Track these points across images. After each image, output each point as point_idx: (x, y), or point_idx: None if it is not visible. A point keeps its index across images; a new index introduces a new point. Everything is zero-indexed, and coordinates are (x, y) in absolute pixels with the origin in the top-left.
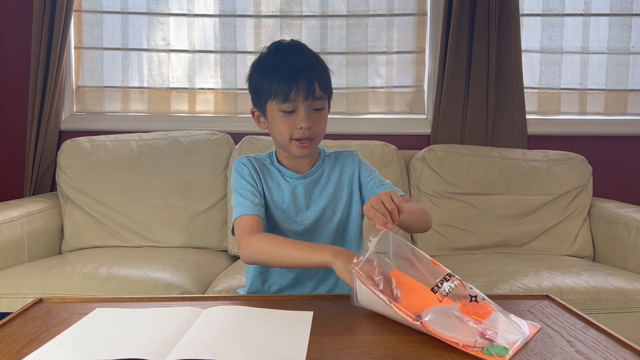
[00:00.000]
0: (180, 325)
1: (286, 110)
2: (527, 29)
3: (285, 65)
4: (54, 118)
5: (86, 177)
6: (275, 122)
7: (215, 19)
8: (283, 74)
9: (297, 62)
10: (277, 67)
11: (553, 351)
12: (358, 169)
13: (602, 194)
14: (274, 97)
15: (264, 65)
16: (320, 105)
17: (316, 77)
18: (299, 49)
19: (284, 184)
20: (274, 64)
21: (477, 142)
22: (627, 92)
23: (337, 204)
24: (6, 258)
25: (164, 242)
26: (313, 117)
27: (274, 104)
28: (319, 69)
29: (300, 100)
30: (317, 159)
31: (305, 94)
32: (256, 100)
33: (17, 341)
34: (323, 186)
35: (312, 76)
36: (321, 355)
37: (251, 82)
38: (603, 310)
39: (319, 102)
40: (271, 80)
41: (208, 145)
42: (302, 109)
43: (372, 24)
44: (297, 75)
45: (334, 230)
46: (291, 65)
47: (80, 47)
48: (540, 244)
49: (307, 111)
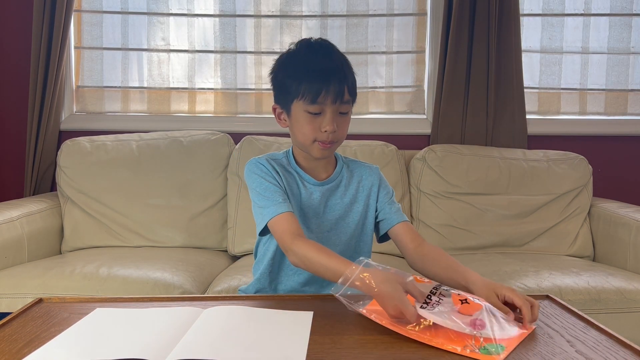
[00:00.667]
0: (180, 325)
1: (313, 112)
2: (527, 29)
3: (316, 66)
4: (54, 118)
5: (86, 177)
6: (299, 123)
7: (215, 19)
8: (314, 74)
9: (329, 64)
10: (308, 67)
11: (553, 351)
12: (378, 183)
13: (602, 194)
14: (302, 97)
15: (294, 63)
16: (346, 110)
17: (346, 81)
18: (329, 50)
19: (302, 188)
20: (305, 63)
21: (477, 142)
22: (627, 92)
23: (352, 214)
24: (6, 258)
25: (164, 242)
26: (338, 120)
27: (301, 104)
28: (349, 72)
29: (328, 103)
30: (335, 164)
31: (334, 98)
32: (281, 98)
33: (17, 341)
34: (341, 195)
35: (342, 79)
36: (321, 355)
37: (277, 78)
38: (603, 310)
39: (345, 106)
40: (301, 80)
41: (208, 145)
42: (330, 112)
43: (372, 24)
44: (328, 78)
45: (346, 241)
46: (322, 67)
47: (80, 47)
48: (540, 244)
49: (334, 115)
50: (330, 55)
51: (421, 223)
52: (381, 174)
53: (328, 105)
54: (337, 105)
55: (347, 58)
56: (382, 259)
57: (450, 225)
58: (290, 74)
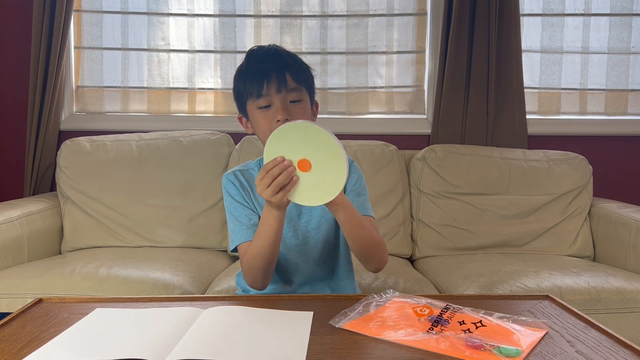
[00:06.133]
0: (180, 325)
1: (262, 105)
2: (527, 28)
3: (256, 65)
4: (54, 118)
5: (86, 177)
6: (256, 121)
7: (215, 19)
8: (255, 70)
9: (267, 59)
10: (250, 66)
11: (553, 351)
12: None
13: (602, 194)
14: (250, 95)
15: (240, 70)
16: (297, 97)
17: (287, 68)
18: (271, 50)
19: None
20: (248, 64)
21: (477, 142)
22: (627, 92)
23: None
24: (6, 258)
25: (163, 242)
26: (290, 109)
27: (251, 103)
28: (291, 61)
29: (273, 93)
30: None
31: (278, 87)
32: (239, 105)
33: (17, 341)
34: None
35: (282, 67)
36: (321, 355)
37: (233, 89)
38: (603, 311)
39: (294, 94)
40: (245, 79)
41: (208, 145)
42: (277, 101)
43: (372, 24)
44: (268, 69)
45: (324, 238)
46: (262, 62)
47: (80, 47)
48: (541, 244)
49: (283, 104)
50: (270, 54)
51: (421, 223)
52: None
53: (273, 95)
54: (283, 94)
55: (297, 55)
56: None
57: (450, 225)
58: (239, 79)
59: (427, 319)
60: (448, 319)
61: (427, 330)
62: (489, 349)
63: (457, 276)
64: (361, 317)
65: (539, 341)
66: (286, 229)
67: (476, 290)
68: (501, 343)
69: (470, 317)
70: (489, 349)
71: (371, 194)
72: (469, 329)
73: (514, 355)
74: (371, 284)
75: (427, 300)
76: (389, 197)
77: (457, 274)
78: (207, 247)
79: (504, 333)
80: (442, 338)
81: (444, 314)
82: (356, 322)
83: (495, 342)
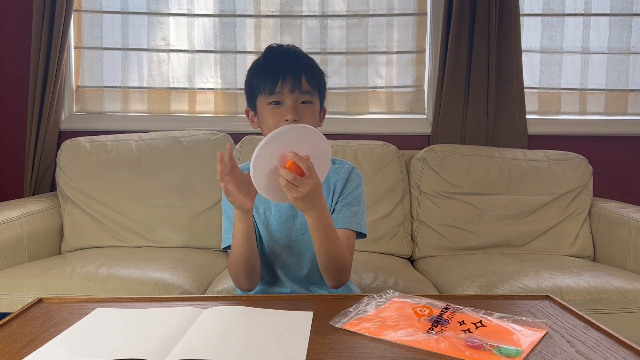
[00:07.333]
0: (180, 325)
1: (273, 101)
2: (527, 28)
3: (274, 61)
4: (54, 118)
5: (86, 177)
6: (264, 116)
7: (215, 19)
8: (272, 68)
9: (286, 57)
10: (267, 63)
11: (553, 351)
12: (343, 182)
13: (602, 194)
14: (262, 91)
15: (256, 65)
16: (308, 99)
17: (303, 71)
18: (290, 50)
19: None
20: (264, 61)
21: (477, 142)
22: (628, 92)
23: None
24: (6, 258)
25: (163, 242)
26: (300, 110)
27: (262, 98)
28: (308, 65)
29: (286, 92)
30: None
31: (292, 87)
32: (248, 99)
33: (17, 341)
34: None
35: (298, 69)
36: (321, 355)
37: (245, 82)
38: (603, 311)
39: (306, 96)
40: (260, 75)
41: (208, 145)
42: (289, 101)
43: (372, 24)
44: (285, 68)
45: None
46: (280, 60)
47: (80, 47)
48: (541, 244)
49: (294, 104)
50: (289, 53)
51: (421, 223)
52: (355, 173)
53: (286, 94)
54: (296, 95)
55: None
56: (381, 259)
57: (450, 225)
58: (253, 74)
59: (427, 319)
60: (448, 319)
61: (427, 331)
62: (489, 349)
63: (457, 276)
64: (361, 317)
65: (539, 341)
66: (281, 230)
67: (476, 290)
68: (501, 343)
69: (470, 317)
70: (489, 349)
71: (371, 194)
72: (469, 329)
73: (514, 355)
74: (371, 284)
75: (427, 300)
76: (389, 197)
77: (457, 274)
78: (207, 247)
79: (504, 333)
80: (442, 338)
81: (444, 314)
82: (356, 322)
83: (495, 342)
